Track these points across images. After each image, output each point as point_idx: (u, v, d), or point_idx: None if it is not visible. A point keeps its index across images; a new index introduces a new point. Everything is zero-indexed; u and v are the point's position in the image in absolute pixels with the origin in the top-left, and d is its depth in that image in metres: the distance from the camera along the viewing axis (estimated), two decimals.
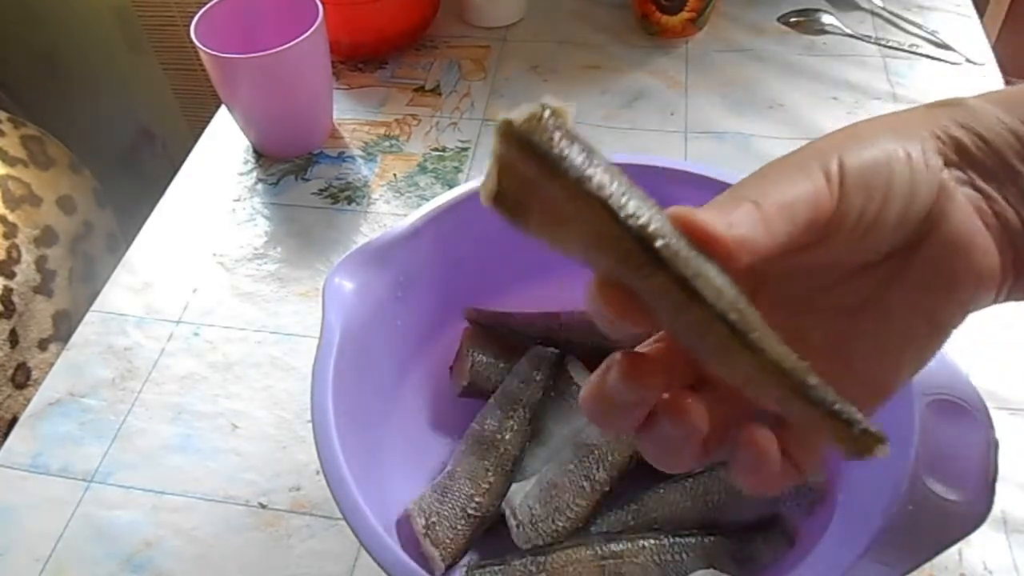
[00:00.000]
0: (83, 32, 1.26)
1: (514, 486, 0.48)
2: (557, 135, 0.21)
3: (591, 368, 0.51)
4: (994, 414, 0.41)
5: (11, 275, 0.92)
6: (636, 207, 0.22)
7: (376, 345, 0.48)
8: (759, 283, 0.29)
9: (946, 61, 0.79)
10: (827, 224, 0.26)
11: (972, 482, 0.38)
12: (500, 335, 0.54)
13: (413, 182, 0.73)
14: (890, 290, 0.29)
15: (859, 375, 0.28)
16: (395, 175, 0.74)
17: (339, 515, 0.39)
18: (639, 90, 0.79)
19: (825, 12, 0.85)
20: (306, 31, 0.68)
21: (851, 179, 0.27)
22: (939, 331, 0.29)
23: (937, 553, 0.36)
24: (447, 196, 0.51)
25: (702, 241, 0.23)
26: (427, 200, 0.54)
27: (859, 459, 0.24)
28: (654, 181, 0.32)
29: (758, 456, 0.25)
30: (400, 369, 0.52)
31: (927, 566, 0.38)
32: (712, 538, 0.45)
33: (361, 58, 0.85)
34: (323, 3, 0.71)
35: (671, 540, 0.45)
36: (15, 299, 0.92)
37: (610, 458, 0.47)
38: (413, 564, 0.37)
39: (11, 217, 0.95)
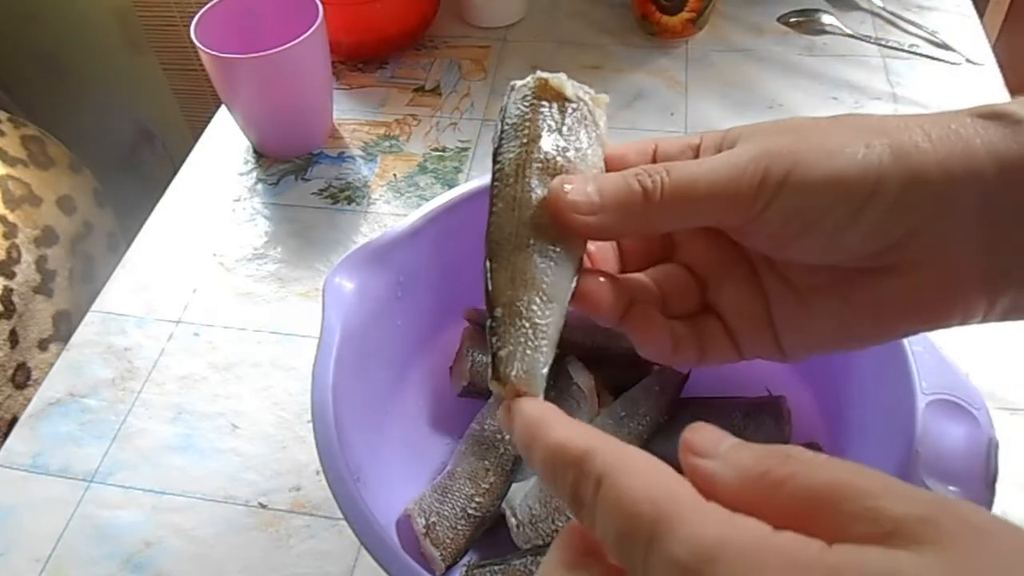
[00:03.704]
0: (83, 32, 1.26)
1: (514, 486, 0.48)
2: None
3: (591, 368, 0.51)
4: (994, 414, 0.41)
5: (11, 275, 0.92)
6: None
7: (376, 345, 0.48)
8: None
9: (946, 61, 0.79)
10: (738, 225, 0.28)
11: (972, 482, 0.38)
12: None
13: (413, 182, 0.73)
14: (852, 289, 0.29)
15: (787, 336, 0.30)
16: (395, 175, 0.74)
17: (339, 515, 0.39)
18: (639, 90, 0.79)
19: (825, 12, 0.85)
20: (306, 31, 0.68)
21: (783, 200, 0.26)
22: (886, 337, 0.29)
23: None
24: (447, 196, 0.51)
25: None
26: (427, 200, 0.54)
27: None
28: None
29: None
30: (400, 369, 0.52)
31: None
32: None
33: (361, 58, 0.85)
34: (323, 3, 0.71)
35: None
36: (15, 299, 0.92)
37: None
38: (413, 564, 0.37)
39: (11, 217, 0.95)
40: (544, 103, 0.31)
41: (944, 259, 0.27)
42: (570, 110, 0.32)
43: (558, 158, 0.30)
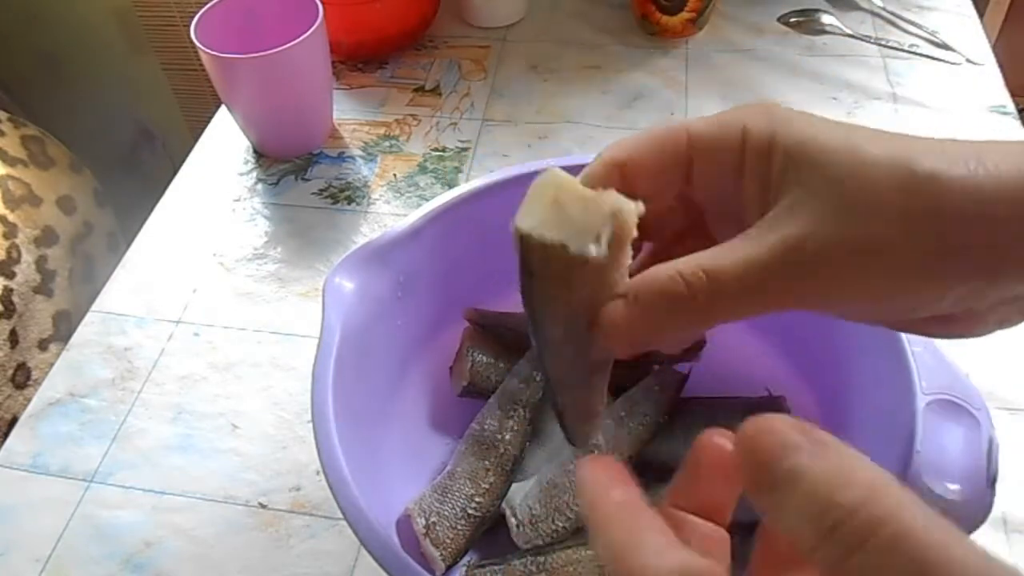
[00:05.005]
0: (84, 32, 1.26)
1: (514, 486, 0.48)
2: None
3: None
4: (994, 414, 0.41)
5: (11, 275, 0.92)
6: None
7: (376, 345, 0.48)
8: None
9: (946, 61, 0.79)
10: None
11: (972, 482, 0.38)
12: (500, 335, 0.54)
13: (413, 182, 0.73)
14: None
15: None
16: (395, 175, 0.74)
17: (339, 515, 0.39)
18: (639, 90, 0.79)
19: (825, 12, 0.85)
20: (306, 31, 0.68)
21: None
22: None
23: None
24: (447, 196, 0.51)
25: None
26: (427, 200, 0.54)
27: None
28: None
29: None
30: (400, 369, 0.52)
31: None
32: None
33: (361, 58, 0.85)
34: (323, 3, 0.71)
35: None
36: (15, 299, 0.92)
37: None
38: (413, 564, 0.37)
39: (11, 217, 0.95)
40: (555, 284, 0.27)
41: (992, 316, 0.27)
42: (588, 264, 0.26)
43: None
